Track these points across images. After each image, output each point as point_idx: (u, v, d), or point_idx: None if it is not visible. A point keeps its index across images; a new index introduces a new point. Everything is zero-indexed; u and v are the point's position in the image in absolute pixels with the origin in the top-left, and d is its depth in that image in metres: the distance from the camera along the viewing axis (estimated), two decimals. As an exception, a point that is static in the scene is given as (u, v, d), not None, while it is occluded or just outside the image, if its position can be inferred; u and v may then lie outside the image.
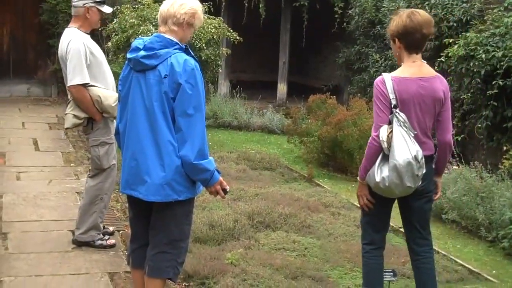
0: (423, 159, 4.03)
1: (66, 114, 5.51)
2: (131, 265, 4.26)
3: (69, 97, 5.52)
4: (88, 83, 5.38)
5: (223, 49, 11.14)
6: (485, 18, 9.11)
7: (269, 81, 15.60)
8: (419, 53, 4.17)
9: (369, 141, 4.12)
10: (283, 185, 8.18)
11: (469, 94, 8.81)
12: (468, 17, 9.54)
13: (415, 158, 3.98)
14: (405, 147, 3.98)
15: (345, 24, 13.07)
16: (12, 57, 14.54)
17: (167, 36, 3.89)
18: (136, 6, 10.60)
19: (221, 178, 3.97)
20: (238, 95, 13.25)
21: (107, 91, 5.46)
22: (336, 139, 8.95)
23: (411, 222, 4.34)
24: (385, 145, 4.01)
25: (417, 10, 4.18)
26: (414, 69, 4.12)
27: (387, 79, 4.06)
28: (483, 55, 8.30)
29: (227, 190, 4.05)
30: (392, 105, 4.02)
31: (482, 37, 8.58)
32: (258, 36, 15.01)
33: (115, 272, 5.15)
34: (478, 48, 8.48)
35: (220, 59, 11.05)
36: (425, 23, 4.07)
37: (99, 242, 5.63)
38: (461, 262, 5.81)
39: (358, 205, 4.50)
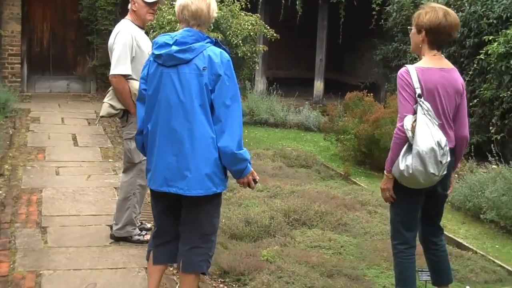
0: (447, 146, 4.04)
1: (104, 102, 5.55)
2: (153, 260, 4.22)
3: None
4: (130, 75, 5.42)
5: (260, 46, 11.16)
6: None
7: (306, 78, 15.59)
8: (440, 50, 4.25)
9: (394, 132, 4.14)
10: (319, 183, 8.16)
11: (508, 92, 8.70)
12: (509, 14, 9.40)
13: (439, 144, 3.99)
14: (428, 134, 3.99)
15: (382, 21, 12.98)
16: (52, 53, 14.73)
17: (197, 29, 3.94)
18: (174, 2, 10.64)
19: (252, 169, 4.02)
20: (274, 92, 13.26)
21: None
22: (373, 137, 8.90)
23: (431, 215, 4.42)
24: (409, 134, 4.03)
25: (450, 10, 4.22)
26: (435, 61, 4.19)
27: (411, 69, 4.13)
28: (524, 53, 8.20)
29: (257, 180, 4.09)
30: (417, 94, 4.06)
31: (522, 34, 8.47)
32: (295, 33, 15.02)
33: (152, 267, 5.19)
34: (519, 45, 8.38)
35: (257, 56, 11.06)
36: (456, 26, 4.17)
37: (137, 237, 5.69)
38: (499, 262, 5.73)
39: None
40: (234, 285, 5.02)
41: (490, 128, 9.12)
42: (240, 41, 10.06)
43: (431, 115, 4.03)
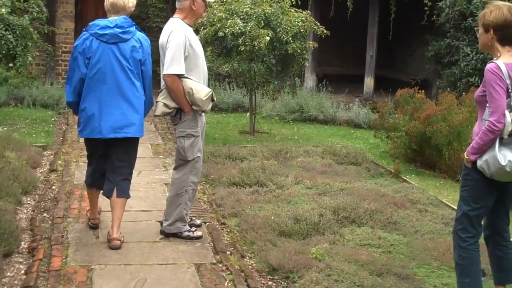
0: None
1: (157, 101, 5.62)
2: (96, 187, 5.75)
3: (161, 85, 5.62)
4: (183, 74, 5.48)
5: (310, 42, 11.08)
6: None
7: (356, 75, 15.45)
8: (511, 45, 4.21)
9: (487, 126, 4.08)
10: (369, 180, 8.09)
11: None
12: None
13: None
14: None
15: (434, 16, 12.79)
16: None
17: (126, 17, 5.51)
18: (225, 0, 10.67)
19: None
20: (324, 89, 13.20)
21: (199, 85, 5.55)
22: (424, 135, 8.79)
23: (506, 207, 4.40)
24: (510, 128, 4.02)
25: None
26: None
27: (500, 64, 4.09)
28: None
29: None
30: (510, 90, 4.05)
31: None
32: (345, 29, 14.88)
33: (201, 263, 5.24)
34: None
35: (307, 53, 10.99)
36: None
37: (186, 233, 5.73)
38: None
39: (447, 202, 4.41)
40: (282, 283, 5.02)
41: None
42: (290, 38, 10.01)
43: None
